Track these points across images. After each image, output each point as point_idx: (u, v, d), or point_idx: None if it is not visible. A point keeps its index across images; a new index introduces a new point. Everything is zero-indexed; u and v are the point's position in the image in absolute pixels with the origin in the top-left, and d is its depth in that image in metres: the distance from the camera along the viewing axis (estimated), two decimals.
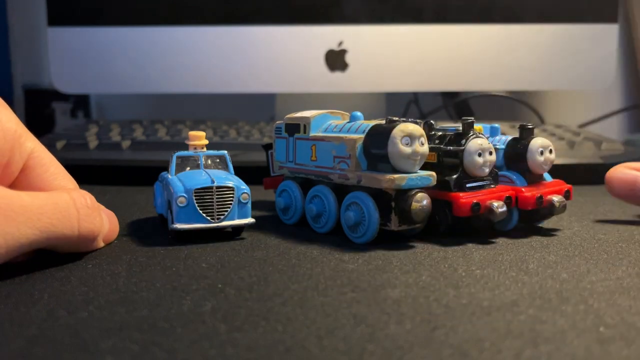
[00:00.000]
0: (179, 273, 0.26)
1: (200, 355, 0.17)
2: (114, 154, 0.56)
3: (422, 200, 0.30)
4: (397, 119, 0.31)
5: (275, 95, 0.75)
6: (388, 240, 0.32)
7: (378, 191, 0.31)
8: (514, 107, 0.87)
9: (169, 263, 0.27)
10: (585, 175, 0.54)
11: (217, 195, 0.31)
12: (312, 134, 0.35)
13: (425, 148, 0.30)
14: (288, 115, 0.37)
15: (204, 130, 0.62)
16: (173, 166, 0.34)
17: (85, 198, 0.28)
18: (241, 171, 0.37)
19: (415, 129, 0.30)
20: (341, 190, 0.33)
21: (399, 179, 0.29)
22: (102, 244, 0.30)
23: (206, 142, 0.35)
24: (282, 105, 0.75)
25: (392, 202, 0.30)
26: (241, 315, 0.20)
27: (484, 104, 0.83)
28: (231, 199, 0.31)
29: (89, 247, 0.29)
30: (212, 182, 0.31)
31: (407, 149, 0.30)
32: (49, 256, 0.29)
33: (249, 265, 0.27)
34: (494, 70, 0.69)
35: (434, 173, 0.31)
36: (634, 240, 0.32)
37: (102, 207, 0.31)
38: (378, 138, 0.31)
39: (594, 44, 0.69)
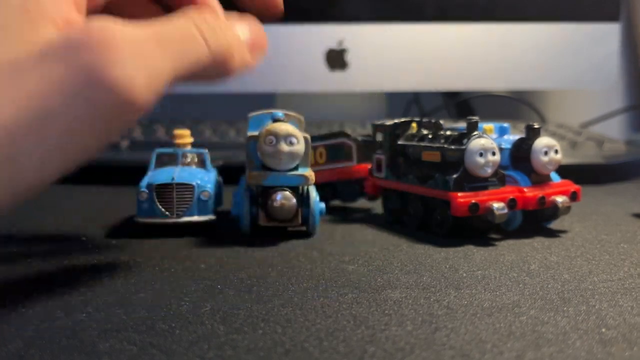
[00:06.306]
0: (177, 274, 0.26)
1: (199, 356, 0.17)
2: (112, 154, 0.56)
3: (279, 199, 0.31)
4: (281, 117, 0.33)
5: (275, 95, 0.75)
6: (388, 241, 0.32)
7: (256, 188, 0.32)
8: (516, 106, 0.86)
9: (167, 264, 0.27)
10: (587, 175, 0.54)
11: (177, 191, 0.32)
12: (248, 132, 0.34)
13: (295, 147, 0.31)
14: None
15: (203, 130, 0.62)
16: (152, 162, 0.35)
17: (203, 15, 0.23)
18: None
19: (281, 129, 0.31)
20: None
21: (259, 176, 0.31)
22: (249, 59, 0.26)
23: (190, 140, 0.37)
24: (282, 104, 0.74)
25: (260, 198, 0.32)
26: (240, 317, 0.20)
27: (485, 104, 0.83)
28: (190, 196, 0.33)
29: (230, 67, 0.24)
30: (172, 179, 0.32)
31: (270, 148, 0.31)
32: (47, 256, 0.28)
33: (248, 266, 0.27)
34: (496, 69, 0.69)
35: (311, 174, 0.32)
36: (636, 241, 0.32)
37: (235, 16, 0.26)
38: (253, 138, 0.32)
39: (596, 43, 0.69)
